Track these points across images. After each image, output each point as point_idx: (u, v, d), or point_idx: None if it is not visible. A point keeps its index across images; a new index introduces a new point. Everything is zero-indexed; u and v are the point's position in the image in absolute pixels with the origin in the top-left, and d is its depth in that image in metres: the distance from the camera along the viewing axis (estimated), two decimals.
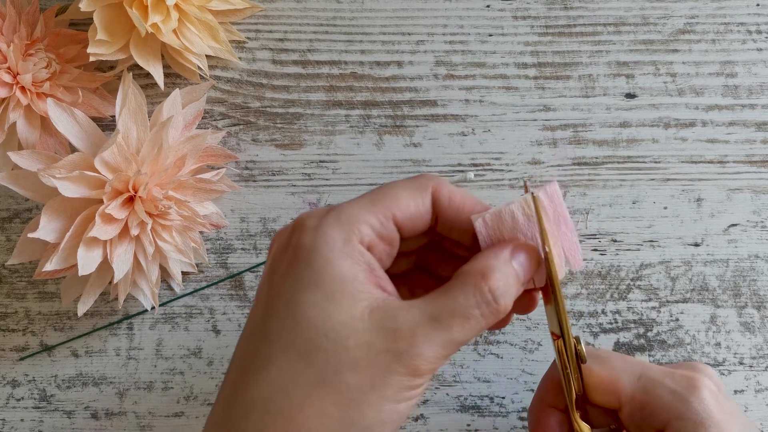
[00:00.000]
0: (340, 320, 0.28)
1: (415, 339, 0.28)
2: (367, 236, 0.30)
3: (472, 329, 0.29)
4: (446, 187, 0.32)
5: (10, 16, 0.41)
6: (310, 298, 0.28)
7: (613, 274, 0.44)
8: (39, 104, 0.41)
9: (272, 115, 0.46)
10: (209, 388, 0.44)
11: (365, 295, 0.29)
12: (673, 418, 0.33)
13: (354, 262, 0.29)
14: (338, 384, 0.28)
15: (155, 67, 0.42)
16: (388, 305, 0.29)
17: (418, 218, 0.32)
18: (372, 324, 0.28)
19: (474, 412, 0.43)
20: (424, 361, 0.28)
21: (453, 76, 0.46)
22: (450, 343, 0.29)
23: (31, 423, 0.44)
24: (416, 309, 0.29)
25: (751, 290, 0.44)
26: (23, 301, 0.44)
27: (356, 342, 0.28)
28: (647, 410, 0.34)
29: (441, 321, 0.29)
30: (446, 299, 0.29)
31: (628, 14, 0.46)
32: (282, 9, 0.46)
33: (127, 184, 0.39)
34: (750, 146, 0.45)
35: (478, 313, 0.29)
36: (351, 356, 0.28)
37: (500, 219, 0.31)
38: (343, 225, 0.30)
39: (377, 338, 0.28)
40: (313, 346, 0.28)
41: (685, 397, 0.33)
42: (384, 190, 0.32)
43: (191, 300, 0.44)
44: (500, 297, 0.29)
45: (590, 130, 0.45)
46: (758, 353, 0.43)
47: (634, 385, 0.34)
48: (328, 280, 0.29)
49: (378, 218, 0.31)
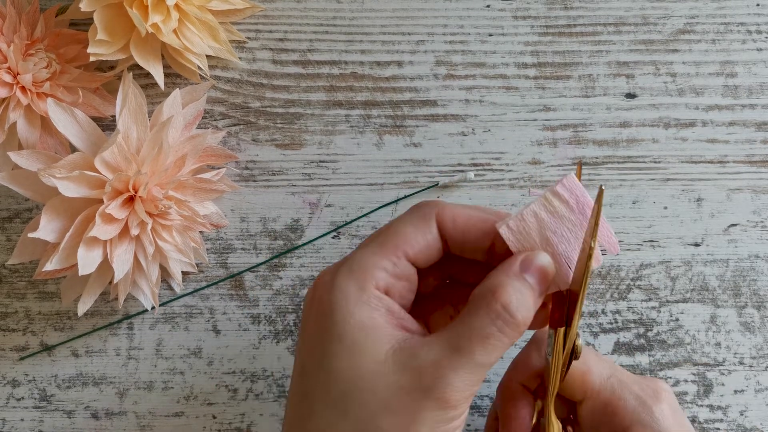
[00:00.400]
0: (366, 368, 0.29)
1: (439, 371, 0.28)
2: (382, 280, 0.31)
3: (494, 348, 0.29)
4: (449, 211, 0.32)
5: (10, 16, 0.41)
6: (336, 351, 0.29)
7: (613, 274, 0.44)
8: (39, 104, 0.41)
9: (272, 115, 0.46)
10: (209, 388, 0.44)
11: (387, 338, 0.29)
12: (634, 423, 0.34)
13: (372, 308, 0.30)
14: (374, 430, 0.28)
15: (155, 67, 0.42)
16: (410, 344, 0.29)
17: (428, 249, 0.32)
18: (396, 366, 0.29)
19: (474, 412, 0.43)
20: (453, 391, 0.28)
21: (453, 76, 0.46)
22: (476, 367, 0.29)
23: (31, 423, 0.44)
24: (436, 343, 0.29)
25: (751, 290, 0.44)
26: (23, 300, 0.44)
27: (385, 386, 0.29)
28: (609, 409, 0.34)
29: (461, 348, 0.29)
30: (462, 326, 0.29)
31: (628, 14, 0.46)
32: (282, 9, 0.46)
33: (127, 184, 0.39)
34: (750, 146, 0.45)
35: (495, 330, 0.29)
36: (382, 401, 0.28)
37: (524, 221, 0.31)
38: (355, 275, 0.30)
39: (403, 378, 0.29)
40: (346, 397, 0.29)
41: (649, 406, 0.34)
42: (390, 230, 0.32)
43: (191, 300, 0.44)
44: (515, 311, 0.29)
45: (590, 130, 0.45)
46: (758, 353, 0.43)
47: (603, 383, 0.35)
48: (350, 330, 0.29)
49: (390, 260, 0.31)
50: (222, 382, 0.44)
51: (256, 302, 0.44)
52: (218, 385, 0.44)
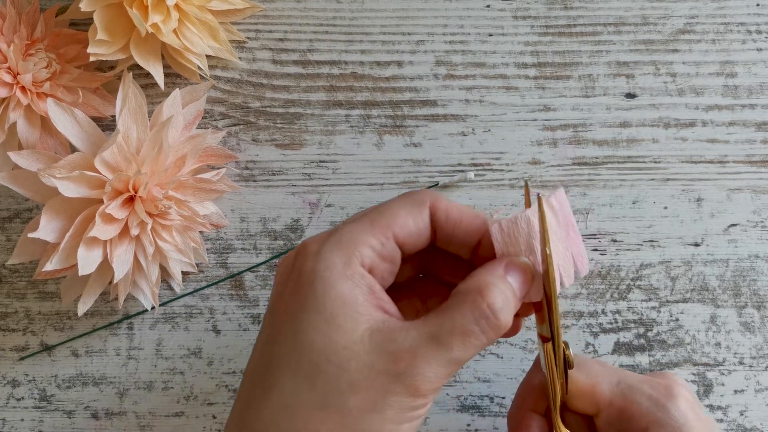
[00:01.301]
0: (341, 343, 0.29)
1: (414, 359, 0.28)
2: (368, 258, 0.31)
3: (472, 346, 0.29)
4: (443, 203, 0.32)
5: (10, 16, 0.41)
6: (312, 322, 0.29)
7: (613, 274, 0.44)
8: (39, 104, 0.41)
9: (272, 115, 0.46)
10: (209, 388, 0.44)
11: (366, 318, 0.29)
12: (651, 424, 0.33)
13: (355, 284, 0.30)
14: (340, 406, 0.28)
15: (155, 67, 0.42)
16: (388, 327, 0.29)
17: (417, 235, 0.32)
18: (372, 346, 0.29)
19: (474, 412, 0.43)
20: (424, 380, 0.29)
21: (453, 76, 0.46)
22: (450, 361, 0.29)
23: (31, 423, 0.44)
24: (415, 330, 0.29)
25: (751, 290, 0.44)
26: (23, 301, 0.44)
27: (357, 364, 0.28)
28: (625, 416, 0.34)
29: (440, 340, 0.29)
30: (444, 318, 0.29)
31: (628, 14, 0.46)
32: (282, 9, 0.46)
33: (127, 184, 0.39)
34: (750, 146, 0.45)
35: (477, 330, 0.29)
36: (352, 379, 0.28)
37: (516, 225, 0.31)
38: (343, 248, 0.30)
39: (377, 360, 0.28)
40: (316, 370, 0.29)
41: (663, 404, 0.34)
42: (382, 209, 0.32)
43: (191, 300, 0.44)
44: (499, 312, 0.30)
45: (590, 130, 0.45)
46: (758, 353, 0.43)
47: (612, 391, 0.35)
48: (329, 303, 0.29)
49: (378, 239, 0.31)
50: (222, 382, 0.44)
51: (256, 302, 0.44)
52: (218, 385, 0.44)
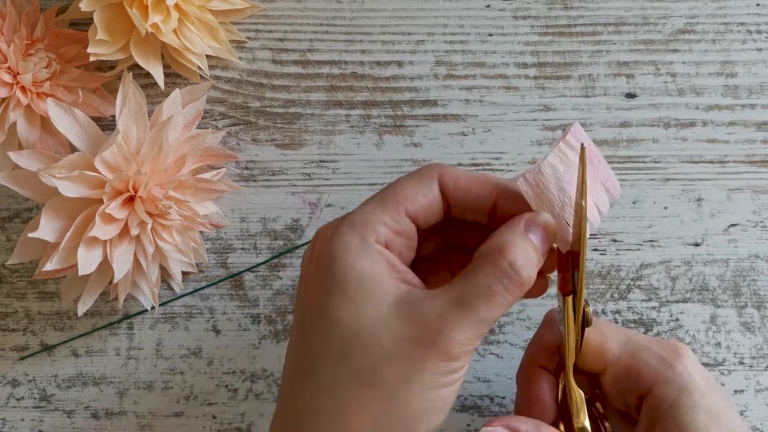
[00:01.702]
0: (369, 318, 0.29)
1: (443, 325, 0.29)
2: (383, 234, 0.31)
3: (498, 305, 0.30)
4: (451, 171, 0.32)
5: (10, 16, 0.41)
6: (338, 302, 0.29)
7: (614, 273, 0.44)
8: (39, 104, 0.41)
9: (272, 114, 0.46)
10: (209, 388, 0.44)
11: (390, 291, 0.30)
12: (657, 382, 0.33)
13: (373, 260, 0.30)
14: (377, 379, 0.29)
15: (155, 67, 0.42)
16: (413, 297, 0.29)
17: (429, 208, 0.32)
18: (400, 317, 0.29)
19: (474, 412, 0.43)
20: (455, 344, 0.29)
21: (453, 76, 0.46)
22: (479, 322, 0.29)
23: (31, 423, 0.44)
24: (440, 296, 0.29)
25: (751, 290, 0.44)
26: (23, 300, 0.44)
27: (388, 336, 0.29)
28: (632, 373, 0.34)
29: (466, 303, 0.29)
30: (468, 281, 0.30)
31: (629, 14, 0.46)
32: (282, 9, 0.46)
33: (127, 183, 0.39)
34: (750, 146, 0.45)
35: (501, 288, 0.29)
36: (384, 351, 0.29)
37: (541, 173, 0.31)
38: (358, 228, 0.31)
39: (407, 330, 0.29)
40: (348, 347, 0.29)
41: (669, 362, 0.34)
42: (391, 187, 0.32)
43: (191, 300, 0.44)
44: (521, 269, 0.30)
45: (590, 129, 0.45)
46: (758, 353, 0.43)
47: (620, 349, 0.35)
48: (351, 281, 0.29)
49: (390, 215, 0.31)
50: (222, 382, 0.44)
51: (256, 302, 0.44)
52: (218, 385, 0.44)
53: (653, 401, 0.33)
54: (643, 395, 0.34)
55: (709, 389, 0.33)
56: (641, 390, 0.34)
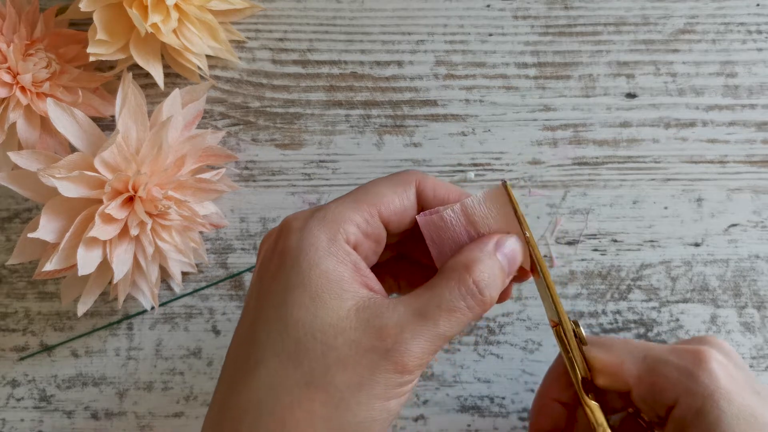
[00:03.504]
0: (327, 320, 0.28)
1: (401, 335, 0.28)
2: (353, 235, 0.30)
3: (458, 322, 0.29)
4: (430, 181, 0.32)
5: (10, 16, 0.41)
6: (297, 300, 0.29)
7: (614, 274, 0.44)
8: (39, 104, 0.41)
9: (272, 114, 0.46)
10: (209, 388, 0.44)
11: (351, 294, 0.29)
12: (681, 394, 0.33)
13: (339, 261, 0.29)
14: (327, 384, 0.28)
15: (155, 67, 0.42)
16: (374, 304, 0.29)
17: (403, 214, 0.32)
18: (359, 323, 0.28)
19: (474, 413, 0.43)
20: (411, 356, 0.28)
21: (453, 76, 0.46)
22: (437, 337, 0.29)
23: (31, 423, 0.44)
24: (402, 306, 0.29)
25: (752, 290, 0.44)
26: (23, 301, 0.44)
27: (344, 341, 0.28)
28: (656, 389, 0.34)
29: (427, 316, 0.29)
30: (431, 294, 0.29)
31: (629, 14, 0.46)
32: (282, 9, 0.46)
33: (127, 184, 0.39)
34: (750, 146, 0.45)
35: (463, 306, 0.29)
36: (339, 355, 0.28)
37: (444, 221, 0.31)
38: (328, 225, 0.30)
39: (364, 336, 0.28)
40: (302, 347, 0.28)
41: (691, 372, 0.33)
42: (368, 187, 0.32)
43: (191, 300, 0.44)
44: (485, 288, 0.30)
45: (590, 130, 0.45)
46: (758, 353, 0.43)
47: (639, 367, 0.34)
48: (315, 280, 0.29)
49: (363, 216, 0.31)
50: None
51: None
52: None
53: (679, 413, 0.33)
54: (671, 408, 0.34)
55: (738, 391, 0.33)
56: (668, 403, 0.34)
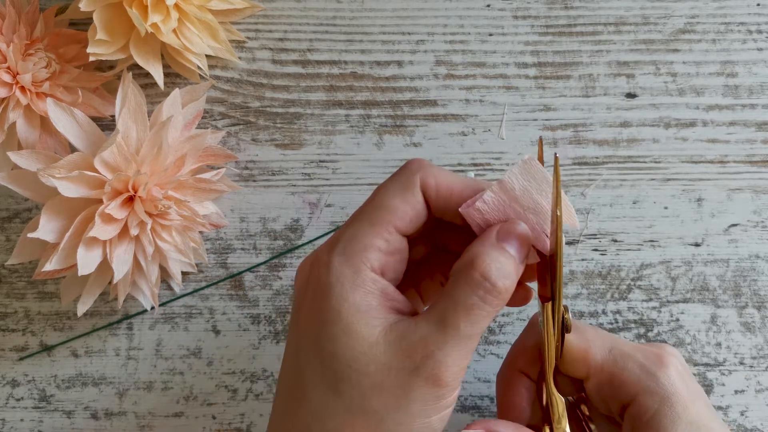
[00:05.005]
0: (359, 350, 0.29)
1: (427, 349, 0.29)
2: (377, 261, 0.31)
3: (478, 319, 0.29)
4: (432, 176, 0.32)
5: (9, 15, 0.41)
6: (331, 334, 0.30)
7: (614, 274, 0.44)
8: (39, 104, 0.41)
9: (272, 114, 0.46)
10: (209, 389, 0.44)
11: (380, 321, 0.30)
12: (640, 392, 0.33)
13: (367, 292, 0.30)
14: (365, 409, 0.29)
15: (155, 66, 0.42)
16: (401, 325, 0.30)
17: (417, 218, 0.32)
18: (386, 346, 0.29)
19: (474, 412, 0.43)
20: (442, 368, 0.29)
21: (453, 76, 0.46)
22: (462, 341, 0.29)
23: (31, 423, 0.44)
24: (423, 321, 0.30)
25: (752, 290, 0.44)
26: (23, 301, 0.44)
27: (376, 367, 0.29)
28: (615, 382, 0.34)
29: (446, 323, 0.29)
30: (445, 300, 0.30)
31: (629, 14, 0.46)
32: (282, 9, 0.46)
33: (127, 183, 0.39)
34: (750, 146, 0.45)
35: (477, 300, 0.29)
36: (373, 381, 0.29)
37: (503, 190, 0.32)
38: (350, 259, 0.31)
39: (394, 359, 0.29)
40: (339, 377, 0.30)
41: (653, 372, 0.34)
42: (378, 201, 0.32)
43: (191, 300, 0.44)
44: (495, 279, 0.30)
45: (590, 129, 0.45)
46: (759, 353, 0.43)
47: (604, 357, 0.35)
48: (345, 314, 0.30)
49: (382, 237, 0.31)
50: (222, 383, 0.44)
51: (256, 302, 0.44)
52: (218, 385, 0.44)
53: (636, 411, 0.33)
54: (626, 404, 0.34)
55: (693, 399, 0.33)
56: (624, 399, 0.34)
